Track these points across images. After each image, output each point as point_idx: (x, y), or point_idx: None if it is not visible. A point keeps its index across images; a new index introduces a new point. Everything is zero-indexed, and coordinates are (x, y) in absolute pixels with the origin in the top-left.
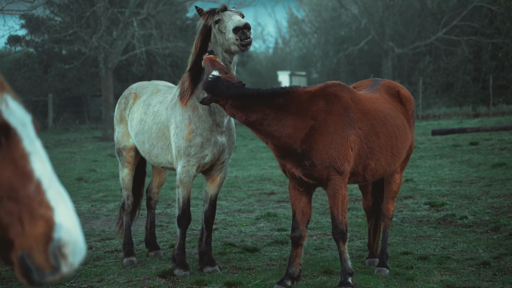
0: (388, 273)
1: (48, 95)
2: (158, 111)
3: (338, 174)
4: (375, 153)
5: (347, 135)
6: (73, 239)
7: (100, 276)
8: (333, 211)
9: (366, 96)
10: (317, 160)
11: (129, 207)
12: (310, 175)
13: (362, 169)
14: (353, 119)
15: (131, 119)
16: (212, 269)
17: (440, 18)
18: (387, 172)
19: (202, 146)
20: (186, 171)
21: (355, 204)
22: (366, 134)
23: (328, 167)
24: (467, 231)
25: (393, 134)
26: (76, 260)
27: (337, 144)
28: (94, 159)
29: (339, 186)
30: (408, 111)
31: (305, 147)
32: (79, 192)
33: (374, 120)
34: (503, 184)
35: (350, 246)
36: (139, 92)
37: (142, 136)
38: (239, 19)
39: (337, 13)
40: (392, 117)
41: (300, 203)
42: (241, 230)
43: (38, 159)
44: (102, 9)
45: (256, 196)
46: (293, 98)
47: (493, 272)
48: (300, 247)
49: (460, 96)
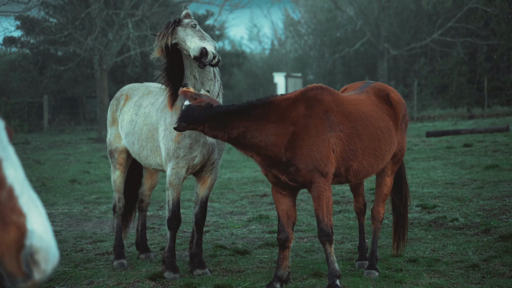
0: (377, 276)
1: (43, 96)
2: (149, 113)
3: (321, 176)
4: (357, 155)
5: (328, 138)
6: (46, 246)
7: (90, 278)
8: (318, 214)
9: (350, 98)
10: (301, 165)
11: (120, 210)
12: (295, 180)
13: (344, 171)
14: (334, 121)
15: (121, 120)
16: (202, 272)
17: (436, 20)
18: (370, 174)
19: (191, 147)
20: (176, 173)
21: (347, 206)
22: (348, 136)
23: (312, 170)
24: (458, 233)
25: (376, 137)
26: (48, 267)
27: (319, 146)
28: (88, 160)
29: (323, 189)
30: (397, 114)
31: (289, 154)
32: (72, 194)
33: (356, 122)
34: (495, 186)
35: (341, 248)
36: (130, 94)
37: (132, 137)
38: (194, 47)
39: (332, 15)
40: (376, 119)
41: (285, 206)
42: (233, 232)
43: (10, 166)
44: (97, 10)
45: (249, 198)
46: (271, 107)
47: (481, 275)
48: (287, 249)
49: (455, 97)
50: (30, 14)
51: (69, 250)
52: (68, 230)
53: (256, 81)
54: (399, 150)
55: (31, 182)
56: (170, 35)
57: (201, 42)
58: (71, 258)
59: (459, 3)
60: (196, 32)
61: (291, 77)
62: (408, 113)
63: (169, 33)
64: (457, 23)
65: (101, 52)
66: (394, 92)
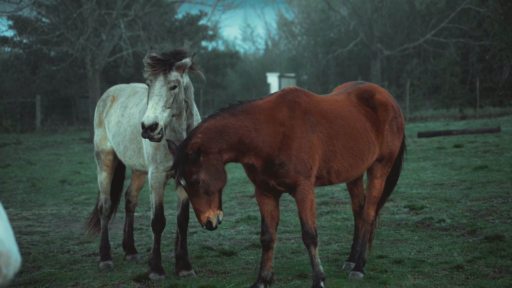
0: (362, 277)
1: (36, 96)
2: (133, 114)
3: (306, 179)
4: (336, 156)
5: (312, 138)
6: (6, 250)
7: (75, 280)
8: (302, 216)
9: (325, 99)
10: (291, 166)
11: (107, 211)
12: (283, 183)
13: (326, 172)
14: (313, 123)
15: (108, 121)
16: (187, 273)
17: (429, 20)
18: (353, 175)
19: (165, 156)
20: (156, 177)
21: (335, 207)
22: (326, 137)
23: (298, 172)
24: (444, 234)
25: (352, 136)
26: (10, 271)
27: (306, 147)
28: (79, 161)
29: (307, 191)
30: (379, 116)
31: (282, 156)
32: (62, 194)
33: (332, 122)
34: (483, 187)
35: (327, 249)
36: (117, 95)
37: (118, 138)
38: (144, 118)
39: (326, 15)
40: (351, 119)
41: (268, 207)
42: (220, 233)
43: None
44: (89, 10)
45: (238, 199)
46: (254, 107)
47: (465, 276)
48: (271, 250)
49: (447, 98)
50: (22, 14)
51: (56, 252)
52: (56, 231)
53: (249, 81)
54: (388, 152)
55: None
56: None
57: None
58: (57, 259)
59: (452, 4)
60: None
61: (284, 78)
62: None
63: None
64: (450, 24)
65: (93, 52)
66: (382, 94)
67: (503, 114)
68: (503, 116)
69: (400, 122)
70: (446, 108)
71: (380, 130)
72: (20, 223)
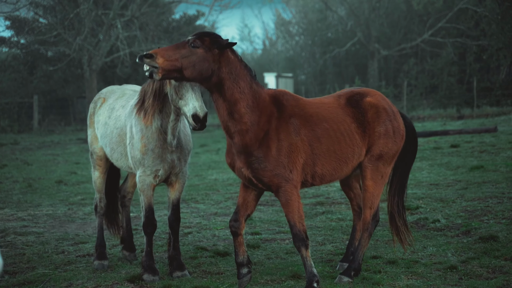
0: (346, 281)
1: (33, 96)
2: (119, 116)
3: (287, 182)
4: (319, 159)
5: (295, 142)
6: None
7: (69, 281)
8: (289, 219)
9: (312, 102)
10: (268, 165)
11: (102, 209)
12: (260, 180)
13: (310, 177)
14: (297, 126)
15: (97, 122)
16: (181, 274)
17: (426, 20)
18: (337, 178)
19: (153, 161)
20: (143, 180)
21: (330, 207)
22: (310, 140)
23: (277, 175)
24: (438, 234)
25: (336, 139)
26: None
27: (287, 151)
28: (76, 161)
29: (290, 193)
30: (368, 118)
31: (260, 152)
32: (58, 195)
33: (315, 125)
34: (478, 187)
35: (321, 250)
36: (107, 97)
37: (105, 140)
38: (198, 110)
39: (323, 15)
40: (335, 122)
41: (247, 196)
42: (215, 233)
43: None
44: (86, 10)
45: (234, 199)
46: (260, 93)
47: (459, 276)
48: (240, 236)
49: (444, 98)
50: (19, 15)
51: (50, 252)
52: (51, 231)
53: None
54: (378, 154)
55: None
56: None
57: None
58: (51, 260)
59: (450, 4)
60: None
61: (282, 77)
62: None
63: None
64: (448, 24)
65: (90, 52)
66: (374, 96)
67: (500, 114)
68: (500, 116)
69: (396, 125)
70: (443, 108)
71: (368, 131)
72: (15, 223)
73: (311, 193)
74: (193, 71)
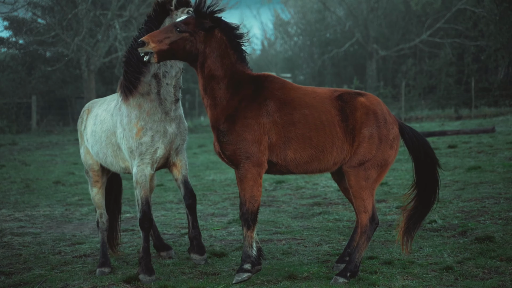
0: (341, 282)
1: (32, 97)
2: (104, 119)
3: (248, 158)
4: (292, 143)
5: (264, 123)
6: None
7: (65, 281)
8: (241, 196)
9: (300, 88)
10: (231, 139)
11: (104, 225)
12: (224, 153)
13: (282, 160)
14: (272, 108)
15: (85, 134)
16: (199, 259)
17: (424, 21)
18: (316, 167)
19: (152, 140)
20: (141, 170)
21: (327, 208)
22: (284, 123)
23: (239, 149)
24: (435, 235)
25: (314, 127)
26: None
27: (253, 129)
28: (74, 161)
29: (247, 171)
30: (356, 117)
31: (226, 126)
32: (55, 195)
33: (294, 110)
34: (475, 187)
35: (318, 250)
36: (91, 108)
37: (96, 147)
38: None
39: (321, 16)
40: (318, 110)
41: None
42: (212, 234)
43: None
44: (84, 11)
45: (231, 200)
46: (241, 73)
47: (455, 277)
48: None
49: (442, 98)
50: (18, 15)
51: (47, 253)
52: (48, 232)
53: None
54: (360, 159)
55: (15, 184)
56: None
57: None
58: (48, 260)
59: (448, 4)
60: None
61: None
62: (396, 114)
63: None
64: (446, 24)
65: (89, 52)
66: (368, 98)
67: (498, 115)
68: (498, 117)
69: (384, 133)
70: (442, 109)
71: (354, 130)
72: (12, 224)
73: (308, 193)
74: (183, 53)
